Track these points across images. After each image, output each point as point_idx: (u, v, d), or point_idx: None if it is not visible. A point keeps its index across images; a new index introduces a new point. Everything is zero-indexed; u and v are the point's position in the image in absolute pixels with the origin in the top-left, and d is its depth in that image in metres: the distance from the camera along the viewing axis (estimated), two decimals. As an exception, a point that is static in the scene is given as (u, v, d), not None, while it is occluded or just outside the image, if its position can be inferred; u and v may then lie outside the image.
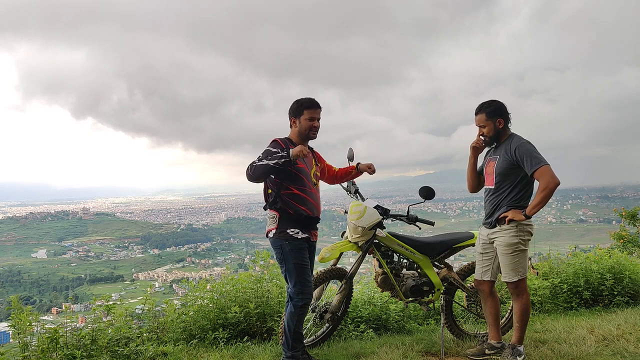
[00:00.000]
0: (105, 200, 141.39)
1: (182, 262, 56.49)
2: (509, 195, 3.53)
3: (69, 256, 59.55)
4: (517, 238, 3.50)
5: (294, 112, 3.50)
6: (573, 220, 70.26)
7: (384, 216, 3.85)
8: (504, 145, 3.57)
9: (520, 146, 3.45)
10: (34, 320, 3.68)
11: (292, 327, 3.43)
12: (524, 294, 3.61)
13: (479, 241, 3.82)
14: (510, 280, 3.55)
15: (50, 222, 73.20)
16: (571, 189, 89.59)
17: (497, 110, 3.56)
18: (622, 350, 3.77)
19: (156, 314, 4.33)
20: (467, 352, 3.85)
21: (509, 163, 3.49)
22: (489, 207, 3.64)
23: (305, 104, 3.48)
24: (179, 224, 77.23)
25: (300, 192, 3.42)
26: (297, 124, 3.49)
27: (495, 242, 3.61)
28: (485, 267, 3.77)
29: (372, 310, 4.58)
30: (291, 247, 3.40)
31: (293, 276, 3.41)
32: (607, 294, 5.46)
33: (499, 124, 3.56)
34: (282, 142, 3.44)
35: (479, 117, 3.60)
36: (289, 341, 3.45)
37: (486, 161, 3.76)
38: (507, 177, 3.52)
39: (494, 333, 3.81)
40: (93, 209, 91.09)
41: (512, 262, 3.52)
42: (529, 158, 3.40)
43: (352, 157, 4.02)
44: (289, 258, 3.40)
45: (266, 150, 3.39)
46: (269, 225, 3.48)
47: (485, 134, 3.60)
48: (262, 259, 4.84)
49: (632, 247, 8.44)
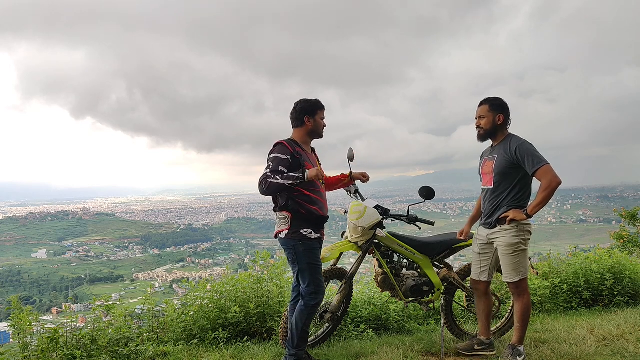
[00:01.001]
0: (105, 200, 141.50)
1: (182, 262, 56.51)
2: (509, 195, 3.52)
3: (69, 256, 59.57)
4: (518, 238, 3.50)
5: (308, 112, 3.55)
6: (573, 220, 70.29)
7: (384, 216, 3.85)
8: (503, 145, 3.58)
9: (521, 146, 3.45)
10: (34, 320, 3.68)
11: (301, 325, 3.43)
12: (525, 294, 3.61)
13: (476, 241, 3.82)
14: (511, 280, 3.55)
15: (50, 222, 73.23)
16: (571, 189, 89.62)
17: (501, 106, 3.59)
18: (622, 350, 3.77)
19: (156, 314, 4.33)
20: (456, 346, 3.89)
21: (509, 162, 3.49)
22: (489, 207, 3.64)
23: (319, 104, 3.60)
24: (179, 224, 77.26)
25: (311, 193, 3.45)
26: (312, 123, 3.56)
27: (496, 242, 3.61)
28: (483, 268, 3.78)
29: (372, 310, 4.58)
30: (305, 248, 3.41)
31: (307, 276, 3.42)
32: (607, 294, 5.46)
33: (498, 120, 3.57)
34: (288, 145, 3.44)
35: (482, 108, 3.62)
36: (295, 339, 3.46)
37: (483, 161, 3.77)
38: (506, 176, 3.52)
39: (484, 329, 3.87)
40: (93, 209, 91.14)
41: (513, 262, 3.52)
42: (530, 157, 3.40)
43: (352, 157, 4.02)
44: (303, 258, 3.42)
45: (275, 157, 3.37)
46: (280, 226, 3.47)
47: (482, 125, 3.61)
48: (262, 259, 4.83)
49: (632, 247, 8.44)
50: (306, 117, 3.55)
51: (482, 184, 3.73)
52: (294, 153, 3.40)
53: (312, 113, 3.55)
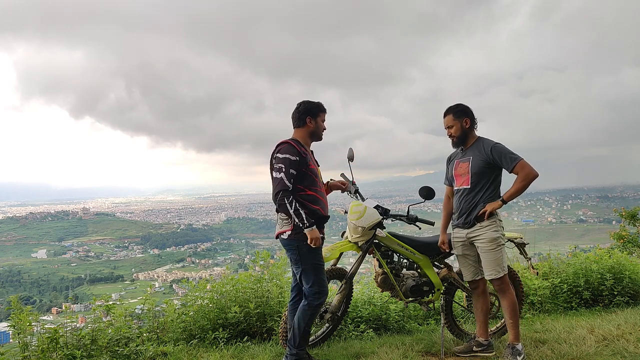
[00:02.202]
0: (105, 200, 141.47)
1: (182, 262, 56.49)
2: (485, 193, 3.64)
3: (69, 256, 59.55)
4: (498, 233, 3.62)
5: (311, 113, 3.57)
6: (573, 220, 70.27)
7: (384, 216, 3.85)
8: (475, 147, 3.70)
9: (495, 147, 3.60)
10: (34, 320, 3.69)
11: (303, 325, 3.44)
12: (509, 289, 3.70)
13: (456, 244, 3.86)
14: (496, 276, 3.62)
15: (50, 222, 73.20)
16: (571, 189, 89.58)
17: (463, 111, 3.72)
18: (622, 350, 3.77)
19: (156, 314, 4.33)
20: (454, 349, 3.89)
21: (485, 162, 3.61)
22: (465, 206, 3.71)
23: (321, 106, 3.64)
24: (179, 224, 77.24)
25: (313, 192, 3.47)
26: (314, 124, 3.58)
27: (477, 240, 3.67)
28: (473, 267, 3.83)
29: (372, 310, 4.59)
30: (309, 248, 3.40)
31: (311, 276, 3.43)
32: (607, 294, 5.46)
33: (465, 124, 3.71)
34: (297, 146, 3.44)
35: (447, 118, 3.76)
36: (297, 339, 3.45)
37: (454, 164, 3.84)
38: (482, 176, 3.64)
39: (482, 330, 3.88)
40: (93, 209, 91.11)
41: (496, 257, 3.60)
42: (506, 155, 3.56)
43: (352, 157, 4.03)
44: (307, 259, 3.42)
45: (285, 158, 3.35)
46: (283, 227, 3.46)
47: (453, 133, 3.74)
48: (262, 259, 4.83)
49: (632, 247, 8.44)
50: (308, 118, 3.56)
51: (456, 185, 3.80)
52: (301, 153, 3.41)
53: (315, 115, 3.58)
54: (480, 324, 3.89)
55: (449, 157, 3.99)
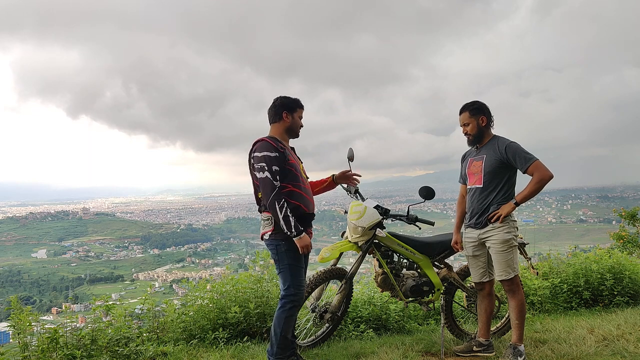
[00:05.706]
0: (105, 200, 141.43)
1: (182, 262, 56.49)
2: (498, 193, 3.58)
3: (69, 256, 59.55)
4: (511, 234, 3.56)
5: (287, 108, 3.44)
6: (573, 220, 70.23)
7: (384, 216, 3.85)
8: (490, 145, 3.64)
9: (510, 145, 3.53)
10: (34, 320, 3.68)
11: (279, 331, 3.28)
12: (520, 290, 3.67)
13: (467, 244, 3.83)
14: (507, 277, 3.58)
15: (50, 222, 73.21)
16: (571, 189, 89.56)
17: (480, 109, 3.66)
18: (622, 350, 3.77)
19: (156, 314, 4.32)
20: (455, 349, 3.89)
21: (499, 162, 3.55)
22: (478, 206, 3.66)
23: (299, 102, 3.50)
24: (179, 224, 77.25)
25: (295, 188, 3.33)
26: (290, 120, 3.45)
27: (489, 241, 3.63)
28: (482, 268, 3.80)
29: (372, 310, 4.58)
30: (287, 247, 3.28)
31: (287, 278, 3.30)
32: (607, 294, 5.46)
33: (481, 122, 3.65)
34: (274, 142, 3.30)
35: (463, 116, 3.70)
36: (274, 347, 3.31)
37: (468, 162, 3.80)
38: (495, 175, 3.58)
39: (484, 331, 3.87)
40: (93, 209, 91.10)
41: (508, 258, 3.56)
42: (520, 155, 3.49)
43: (352, 157, 4.01)
44: (284, 258, 3.30)
45: (265, 155, 3.22)
46: (265, 228, 3.37)
47: (469, 132, 3.68)
48: (262, 259, 4.84)
49: (632, 247, 8.44)
50: (285, 113, 3.43)
51: (469, 184, 3.76)
52: (278, 148, 3.27)
53: (291, 110, 3.45)
54: (482, 324, 3.88)
55: (463, 155, 3.93)
